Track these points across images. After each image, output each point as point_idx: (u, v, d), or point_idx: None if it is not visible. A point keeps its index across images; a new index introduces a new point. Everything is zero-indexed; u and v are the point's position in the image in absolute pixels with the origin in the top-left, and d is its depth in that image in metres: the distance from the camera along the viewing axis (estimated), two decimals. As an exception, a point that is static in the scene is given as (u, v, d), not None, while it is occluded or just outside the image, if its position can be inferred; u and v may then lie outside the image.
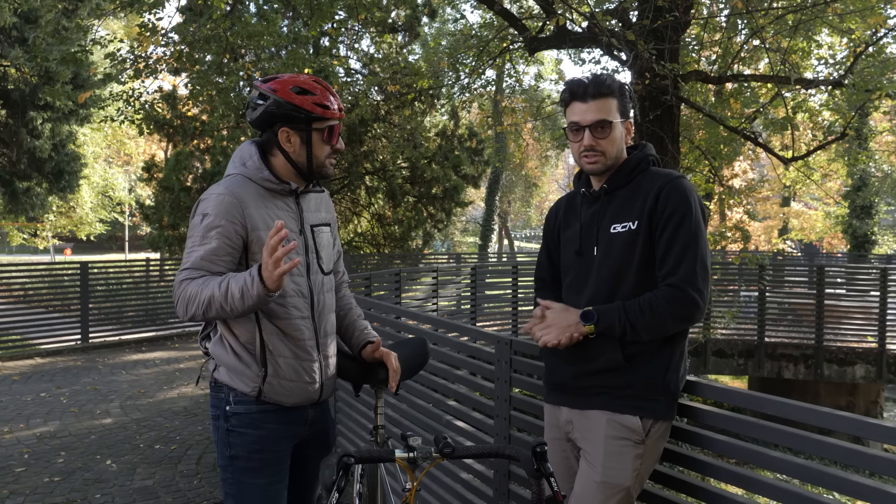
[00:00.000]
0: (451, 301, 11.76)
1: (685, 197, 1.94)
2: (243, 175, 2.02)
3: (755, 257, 10.28)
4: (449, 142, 16.48)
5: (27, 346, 9.94)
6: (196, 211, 1.99)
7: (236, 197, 1.95)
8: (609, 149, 2.02)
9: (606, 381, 1.98)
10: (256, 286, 1.80)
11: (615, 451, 1.94)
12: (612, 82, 2.04)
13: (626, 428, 1.94)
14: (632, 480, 1.94)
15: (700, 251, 1.92)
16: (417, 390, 3.76)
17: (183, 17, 11.54)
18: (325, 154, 2.05)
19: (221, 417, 2.02)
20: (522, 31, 7.81)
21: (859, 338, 11.38)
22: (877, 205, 22.10)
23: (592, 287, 2.03)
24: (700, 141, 9.10)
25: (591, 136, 2.02)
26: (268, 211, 2.00)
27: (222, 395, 2.02)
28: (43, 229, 25.77)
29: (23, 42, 14.91)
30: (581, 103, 2.04)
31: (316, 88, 2.00)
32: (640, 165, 2.05)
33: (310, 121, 2.00)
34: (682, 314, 1.91)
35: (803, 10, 6.62)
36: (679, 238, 1.91)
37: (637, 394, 1.96)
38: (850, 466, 4.96)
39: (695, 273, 1.90)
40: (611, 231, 2.01)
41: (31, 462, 5.17)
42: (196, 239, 1.94)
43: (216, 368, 2.03)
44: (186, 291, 1.89)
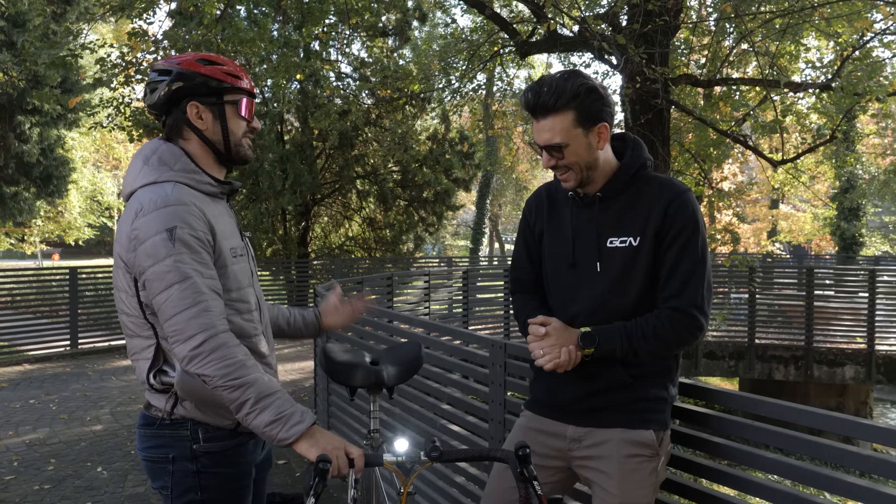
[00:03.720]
0: (443, 305, 11.77)
1: (693, 215, 1.82)
2: (177, 181, 1.71)
3: (745, 259, 10.34)
4: (440, 145, 16.51)
5: (15, 352, 9.86)
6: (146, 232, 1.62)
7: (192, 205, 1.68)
8: (573, 165, 1.85)
9: (613, 399, 1.89)
10: (298, 428, 1.56)
11: (630, 469, 1.86)
12: (563, 94, 1.79)
13: (639, 444, 1.86)
14: (650, 496, 1.88)
15: (707, 272, 1.83)
16: (412, 394, 3.76)
17: (172, 22, 11.52)
18: (241, 130, 1.82)
19: (184, 458, 1.74)
20: (513, 36, 7.84)
21: (848, 339, 11.47)
22: (864, 206, 22.30)
23: (586, 302, 1.90)
24: (690, 144, 9.15)
25: (549, 156, 1.86)
26: (218, 218, 1.76)
27: (185, 432, 1.74)
28: (31, 234, 25.60)
29: (10, 46, 14.84)
30: (535, 121, 1.85)
31: (223, 59, 1.82)
32: (638, 172, 1.90)
33: (221, 92, 1.77)
34: (686, 339, 1.84)
35: (791, 14, 6.68)
36: (686, 258, 1.81)
37: (646, 407, 1.88)
38: (842, 466, 4.99)
39: (701, 296, 1.81)
40: (608, 245, 1.87)
41: (21, 470, 5.12)
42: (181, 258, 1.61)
43: (177, 404, 1.73)
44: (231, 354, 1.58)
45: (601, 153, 1.87)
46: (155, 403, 1.76)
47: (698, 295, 1.81)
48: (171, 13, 11.80)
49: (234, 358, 1.58)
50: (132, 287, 1.69)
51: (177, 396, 1.72)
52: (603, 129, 1.84)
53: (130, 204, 1.70)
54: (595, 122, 1.82)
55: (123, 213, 1.73)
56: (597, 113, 1.81)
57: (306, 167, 14.26)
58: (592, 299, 1.89)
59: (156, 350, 1.71)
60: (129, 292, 1.70)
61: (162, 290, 1.59)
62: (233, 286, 1.75)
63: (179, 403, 1.73)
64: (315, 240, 17.30)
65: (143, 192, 1.68)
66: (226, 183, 1.84)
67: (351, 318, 2.25)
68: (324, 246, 17.52)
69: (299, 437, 1.56)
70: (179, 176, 1.73)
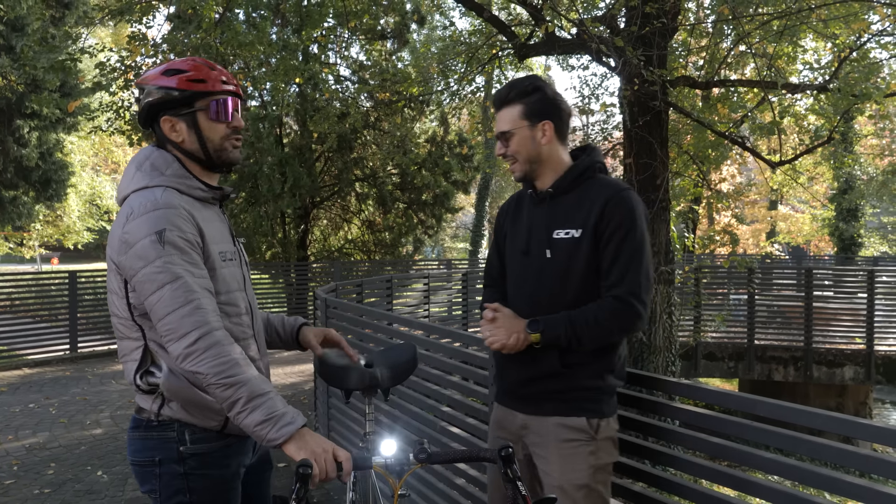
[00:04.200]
0: (443, 307, 11.77)
1: (630, 211, 1.98)
2: (167, 186, 1.74)
3: (744, 261, 10.35)
4: (439, 148, 16.52)
5: (14, 356, 9.85)
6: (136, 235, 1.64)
7: (181, 208, 1.70)
8: (517, 155, 2.09)
9: (550, 385, 2.03)
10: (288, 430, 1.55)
11: (567, 454, 1.99)
12: (516, 88, 2.08)
13: (574, 430, 2.00)
14: (588, 477, 1.98)
15: (644, 263, 1.97)
16: (412, 397, 3.77)
17: (171, 25, 11.53)
18: (219, 134, 1.80)
19: (171, 461, 1.74)
20: (511, 38, 7.86)
21: (848, 340, 11.48)
22: (863, 207, 22.34)
23: (535, 288, 2.08)
24: (688, 146, 9.17)
25: (499, 145, 2.12)
26: (208, 223, 1.78)
27: (171, 433, 1.74)
28: (29, 238, 25.57)
29: (9, 50, 14.84)
30: (496, 113, 2.14)
31: (190, 66, 1.78)
32: (586, 172, 2.09)
33: (189, 100, 1.76)
34: (626, 325, 1.97)
35: (788, 15, 6.70)
36: (624, 251, 1.96)
37: (581, 395, 2.02)
38: (842, 466, 4.99)
39: (639, 285, 1.95)
40: (554, 235, 2.05)
41: (21, 474, 5.12)
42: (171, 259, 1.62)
43: (164, 405, 1.74)
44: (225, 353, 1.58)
45: (548, 150, 2.09)
46: (143, 405, 1.77)
47: (636, 284, 1.95)
48: (170, 17, 11.81)
49: (228, 356, 1.58)
50: (122, 289, 1.71)
51: (163, 397, 1.73)
52: (547, 125, 2.07)
53: (123, 208, 1.73)
54: (540, 119, 2.06)
55: (116, 216, 1.75)
56: (541, 111, 2.07)
57: (305, 170, 14.26)
58: (540, 284, 2.07)
59: (143, 351, 1.73)
60: (119, 294, 1.73)
61: (154, 291, 1.61)
62: (221, 289, 1.77)
63: (166, 404, 1.73)
64: (314, 243, 17.30)
65: (135, 197, 1.72)
66: (216, 189, 1.85)
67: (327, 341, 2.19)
68: (323, 249, 17.52)
69: (288, 438, 1.55)
70: (170, 181, 1.76)
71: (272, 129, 14.37)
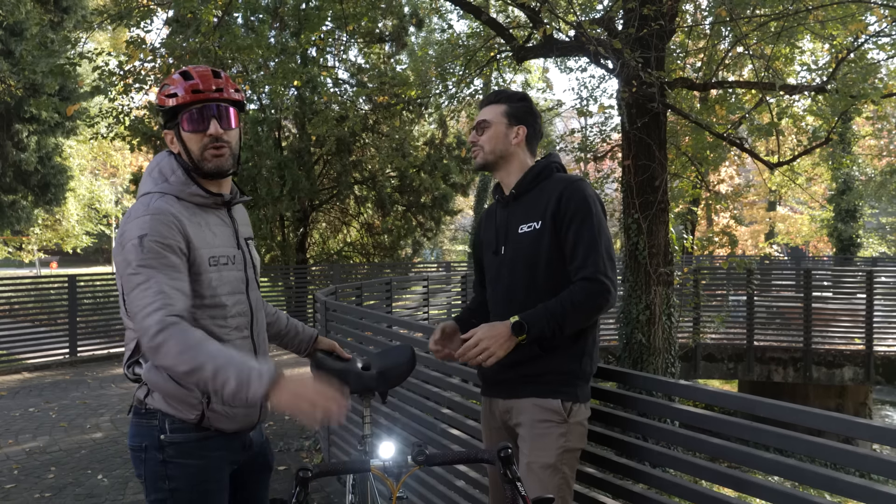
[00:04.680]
0: (442, 309, 11.77)
1: (584, 198, 2.12)
2: (165, 192, 1.83)
3: (743, 262, 10.36)
4: (437, 151, 16.54)
5: (14, 360, 9.85)
6: (127, 237, 1.75)
7: (168, 214, 1.78)
8: (486, 145, 2.26)
9: (527, 370, 2.13)
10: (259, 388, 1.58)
11: (540, 433, 2.09)
12: (505, 92, 2.33)
13: (549, 410, 2.09)
14: (555, 458, 2.07)
15: (604, 243, 2.11)
16: (412, 399, 3.77)
17: (169, 29, 11.54)
18: (197, 144, 1.84)
19: (153, 448, 1.82)
20: (510, 41, 7.87)
21: (847, 340, 11.49)
22: (861, 208, 22.35)
23: (507, 281, 2.22)
24: (686, 147, 9.19)
25: (474, 133, 2.31)
26: (203, 228, 1.86)
27: (154, 422, 1.83)
28: (28, 243, 25.56)
29: (8, 55, 14.85)
30: (479, 110, 2.34)
31: (171, 80, 1.86)
32: (543, 172, 2.23)
33: (173, 114, 1.85)
34: (599, 303, 2.07)
35: (786, 17, 6.72)
36: (584, 235, 2.09)
37: (557, 379, 2.12)
38: (842, 467, 5.00)
39: (603, 263, 2.07)
40: (519, 231, 2.20)
41: (21, 478, 5.12)
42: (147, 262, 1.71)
43: (148, 394, 1.84)
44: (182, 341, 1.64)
45: (515, 150, 2.27)
46: (136, 394, 1.89)
47: (600, 262, 2.07)
48: (169, 21, 11.83)
49: (185, 344, 1.63)
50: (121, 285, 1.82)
51: (148, 388, 1.84)
52: (521, 130, 2.26)
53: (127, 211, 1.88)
54: (518, 122, 2.26)
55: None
56: (521, 117, 2.26)
57: (304, 173, 14.27)
58: (511, 277, 2.21)
59: (136, 344, 1.83)
60: (120, 290, 1.82)
61: (131, 290, 1.72)
62: (206, 293, 1.82)
63: (150, 394, 1.84)
64: (313, 246, 17.30)
65: (137, 201, 1.85)
66: (217, 195, 1.92)
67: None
68: (322, 252, 17.52)
69: (266, 393, 1.58)
70: (171, 187, 1.85)
71: (271, 132, 14.38)
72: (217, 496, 1.90)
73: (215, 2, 8.97)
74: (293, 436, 6.25)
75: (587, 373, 2.16)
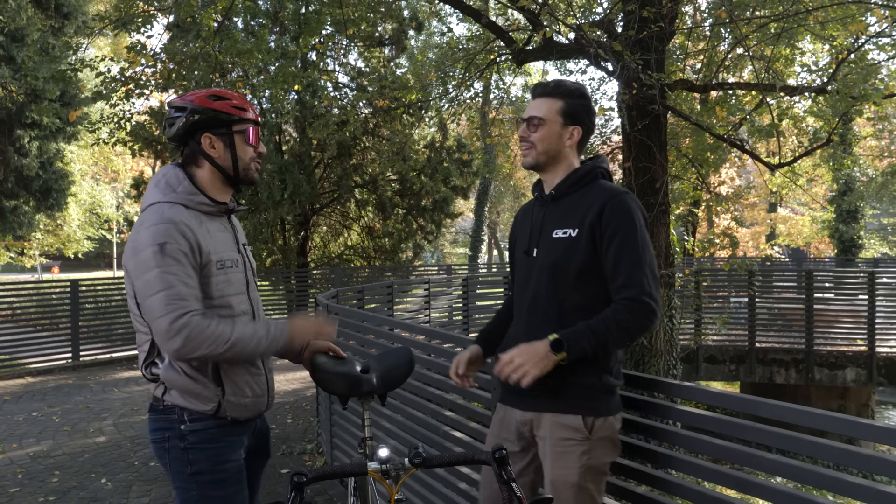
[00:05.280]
0: (443, 312, 11.77)
1: (628, 213, 2.03)
2: (174, 202, 2.01)
3: (744, 263, 10.36)
4: (438, 154, 16.56)
5: (17, 365, 9.86)
6: (142, 244, 1.92)
7: (182, 223, 1.96)
8: (538, 144, 2.13)
9: (548, 382, 2.03)
10: (284, 336, 2.03)
11: (560, 452, 2.03)
12: (563, 85, 2.16)
13: (569, 428, 2.02)
14: (577, 476, 2.01)
15: (649, 262, 2.01)
16: (414, 402, 3.77)
17: (170, 34, 11.57)
18: (249, 156, 2.10)
19: (174, 437, 2.01)
20: (509, 44, 7.88)
21: (849, 341, 11.48)
22: (862, 209, 22.34)
23: (535, 287, 2.14)
24: (687, 149, 9.19)
25: (525, 128, 2.16)
26: (209, 235, 2.03)
27: (174, 416, 2.01)
28: (30, 248, 25.60)
29: (9, 61, 14.88)
30: (532, 100, 2.19)
31: (230, 94, 2.09)
32: (587, 176, 2.13)
33: (230, 123, 2.06)
34: (645, 324, 1.99)
35: (786, 18, 6.73)
36: (626, 252, 2.00)
37: (578, 393, 2.04)
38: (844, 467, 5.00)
39: (649, 284, 1.98)
40: (553, 235, 2.10)
41: (25, 482, 5.13)
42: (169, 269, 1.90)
43: (165, 392, 2.02)
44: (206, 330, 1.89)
45: (566, 153, 2.16)
46: (153, 392, 2.05)
47: (646, 283, 1.98)
48: (169, 26, 11.87)
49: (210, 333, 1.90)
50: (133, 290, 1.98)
51: (165, 385, 2.01)
52: (576, 131, 2.14)
53: (137, 220, 2.03)
54: (574, 123, 2.14)
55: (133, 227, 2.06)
56: (578, 116, 2.14)
57: (305, 177, 14.29)
58: (538, 282, 2.13)
59: (150, 345, 2.00)
60: (132, 295, 1.99)
61: (149, 295, 1.90)
62: (215, 294, 2.02)
63: (167, 391, 2.02)
64: (314, 249, 17.31)
65: (146, 212, 2.00)
66: (221, 203, 2.11)
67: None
68: (323, 255, 17.53)
69: (287, 342, 2.05)
70: (179, 197, 2.02)
71: (272, 136, 14.40)
72: (236, 475, 2.09)
73: (215, 6, 9.00)
74: (296, 439, 6.25)
75: (610, 386, 2.08)
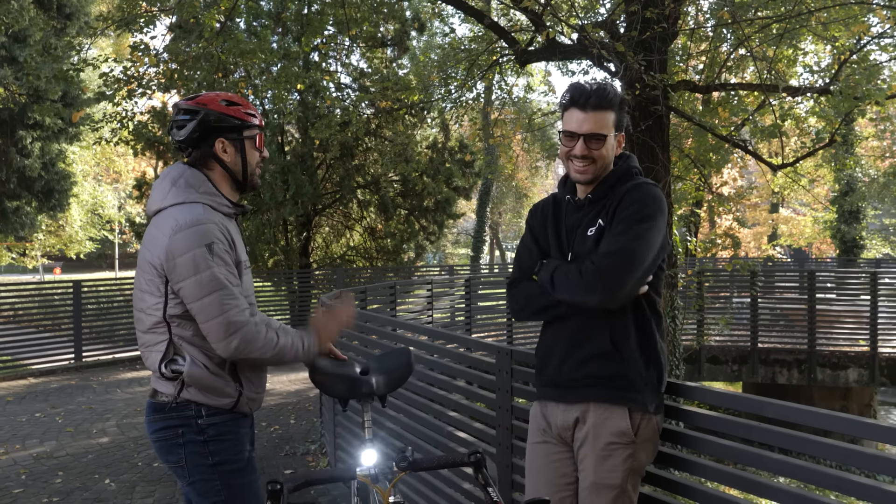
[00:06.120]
0: (446, 313, 11.77)
1: (641, 197, 2.03)
2: (204, 203, 2.04)
3: (747, 264, 10.35)
4: (440, 154, 16.55)
5: (19, 366, 9.87)
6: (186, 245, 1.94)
7: (220, 223, 2.02)
8: (600, 161, 2.09)
9: (597, 369, 2.05)
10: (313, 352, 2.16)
11: (606, 455, 2.03)
12: (613, 95, 2.09)
13: (615, 433, 2.03)
14: (621, 479, 2.02)
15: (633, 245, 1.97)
16: (418, 402, 3.78)
17: (172, 35, 11.58)
18: (255, 161, 2.18)
19: (191, 432, 2.06)
20: (512, 44, 7.89)
21: (851, 342, 11.47)
22: (864, 209, 22.31)
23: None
24: (689, 149, 9.19)
25: (585, 145, 2.07)
26: (233, 235, 2.09)
27: (189, 412, 2.06)
28: (32, 248, 25.61)
29: (12, 61, 14.90)
30: (580, 111, 2.08)
31: (240, 100, 2.15)
32: (623, 178, 2.13)
33: (242, 129, 2.12)
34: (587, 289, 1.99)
35: (788, 19, 6.73)
36: (619, 226, 2.00)
37: (626, 384, 2.04)
38: (849, 467, 4.98)
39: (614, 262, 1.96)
40: (587, 233, 2.11)
41: (29, 483, 5.14)
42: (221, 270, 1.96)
43: (183, 389, 2.05)
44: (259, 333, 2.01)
45: (612, 159, 2.15)
46: (162, 390, 2.08)
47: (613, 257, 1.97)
48: (172, 26, 11.88)
49: (263, 338, 2.01)
50: (161, 290, 2.00)
51: (183, 382, 2.04)
52: (622, 137, 2.16)
53: (164, 220, 2.01)
54: (620, 130, 2.14)
55: (155, 226, 2.03)
56: (623, 123, 2.15)
57: (307, 178, 14.30)
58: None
59: (168, 344, 2.04)
60: (156, 294, 2.01)
61: (203, 296, 1.94)
62: (245, 292, 2.12)
63: (185, 388, 2.05)
64: (316, 250, 17.31)
65: (177, 211, 2.00)
66: (238, 206, 2.18)
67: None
68: (325, 256, 17.53)
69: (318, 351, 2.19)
70: (203, 198, 2.05)
71: (274, 137, 14.41)
72: (251, 464, 2.19)
73: (218, 7, 9.01)
74: (298, 440, 6.26)
75: (656, 383, 2.09)
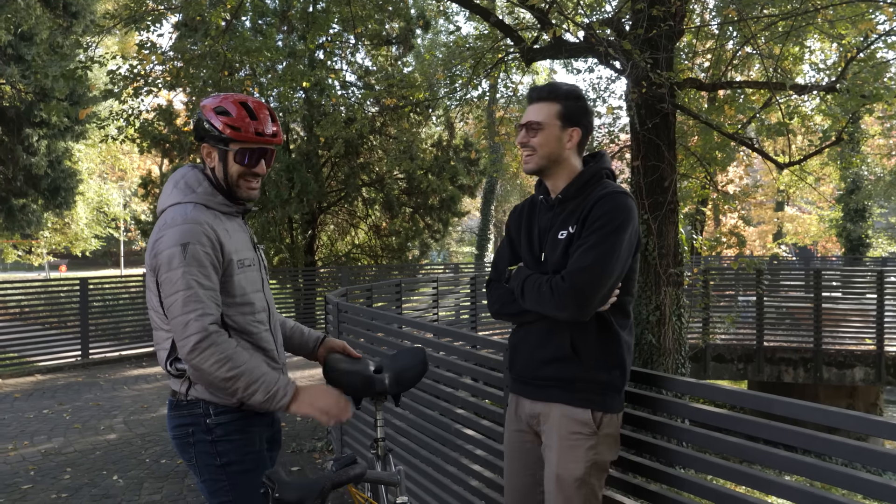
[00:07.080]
0: (451, 311, 11.79)
1: (613, 209, 2.02)
2: (196, 202, 2.04)
3: (752, 262, 10.33)
4: (445, 153, 16.56)
5: (26, 363, 9.92)
6: (166, 243, 1.95)
7: (205, 223, 1.99)
8: (539, 148, 2.13)
9: (556, 372, 2.10)
10: (284, 401, 1.98)
11: (568, 446, 2.06)
12: (560, 89, 2.16)
13: (578, 422, 2.06)
14: (584, 471, 2.05)
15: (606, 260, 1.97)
16: (425, 399, 3.79)
17: (178, 33, 11.61)
18: (236, 173, 2.08)
19: (200, 431, 2.04)
20: (518, 42, 7.89)
21: (857, 340, 11.44)
22: (870, 208, 22.24)
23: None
24: (695, 147, 9.18)
25: (524, 133, 2.16)
26: (229, 234, 2.06)
27: (198, 410, 2.04)
28: (38, 246, 25.71)
29: (18, 60, 14.95)
30: (529, 105, 2.20)
31: (236, 111, 2.05)
32: (593, 179, 2.14)
33: (226, 140, 2.05)
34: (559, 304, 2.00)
35: (794, 16, 6.71)
36: (590, 238, 2.00)
37: (588, 387, 2.07)
38: (856, 464, 4.98)
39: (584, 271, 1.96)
40: (557, 237, 2.12)
41: (38, 479, 5.17)
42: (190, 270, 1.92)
43: (191, 387, 2.04)
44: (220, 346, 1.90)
45: (567, 154, 2.16)
46: (174, 387, 2.08)
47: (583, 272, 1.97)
48: (177, 25, 11.91)
49: (223, 353, 1.90)
50: (156, 287, 2.01)
51: (190, 380, 2.04)
52: (575, 132, 2.15)
53: (160, 220, 2.05)
54: (572, 124, 2.15)
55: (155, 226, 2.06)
56: (576, 117, 2.15)
57: (312, 176, 14.32)
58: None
59: (172, 341, 2.02)
60: (154, 291, 2.02)
61: (170, 294, 1.93)
62: (237, 292, 2.06)
63: (192, 386, 2.04)
64: (321, 248, 17.34)
65: (170, 210, 2.04)
66: (239, 204, 2.15)
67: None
68: (330, 254, 17.56)
69: (287, 405, 1.98)
70: (200, 198, 2.06)
71: (279, 135, 14.41)
72: (262, 464, 2.13)
73: (224, 5, 9.03)
74: (305, 437, 6.28)
75: (618, 384, 2.11)
